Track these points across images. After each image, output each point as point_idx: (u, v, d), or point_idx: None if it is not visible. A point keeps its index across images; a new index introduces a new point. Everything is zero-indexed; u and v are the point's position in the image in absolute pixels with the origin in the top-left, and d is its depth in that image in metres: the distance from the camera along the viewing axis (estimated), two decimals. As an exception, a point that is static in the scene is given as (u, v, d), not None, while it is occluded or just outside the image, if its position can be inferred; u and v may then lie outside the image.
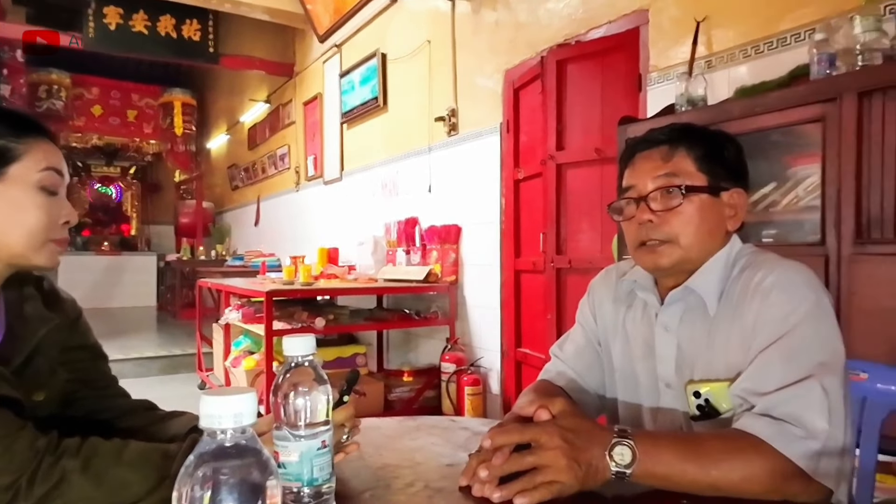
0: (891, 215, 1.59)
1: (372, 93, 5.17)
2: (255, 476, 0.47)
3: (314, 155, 6.41)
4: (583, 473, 0.79)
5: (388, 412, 3.88)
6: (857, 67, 1.74)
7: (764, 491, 0.80)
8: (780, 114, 1.85)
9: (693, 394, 0.99)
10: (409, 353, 4.65)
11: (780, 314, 0.90)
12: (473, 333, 4.01)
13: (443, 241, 4.17)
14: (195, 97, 10.67)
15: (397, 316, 4.19)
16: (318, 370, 0.74)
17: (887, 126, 1.59)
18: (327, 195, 6.20)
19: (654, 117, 2.36)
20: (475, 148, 3.99)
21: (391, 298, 4.67)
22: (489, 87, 3.86)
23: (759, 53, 2.32)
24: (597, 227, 3.00)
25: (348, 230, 5.60)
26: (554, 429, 0.81)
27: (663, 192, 1.01)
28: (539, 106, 3.30)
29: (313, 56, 6.45)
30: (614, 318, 1.15)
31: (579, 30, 3.14)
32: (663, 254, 1.02)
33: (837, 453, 0.82)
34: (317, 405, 0.72)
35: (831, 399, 0.83)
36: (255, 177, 8.45)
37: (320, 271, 4.71)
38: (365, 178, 5.43)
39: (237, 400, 0.48)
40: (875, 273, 1.59)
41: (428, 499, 0.83)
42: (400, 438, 1.10)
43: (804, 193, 1.84)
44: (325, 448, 0.73)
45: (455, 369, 3.82)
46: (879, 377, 1.19)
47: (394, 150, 4.97)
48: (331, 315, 3.88)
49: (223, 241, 9.72)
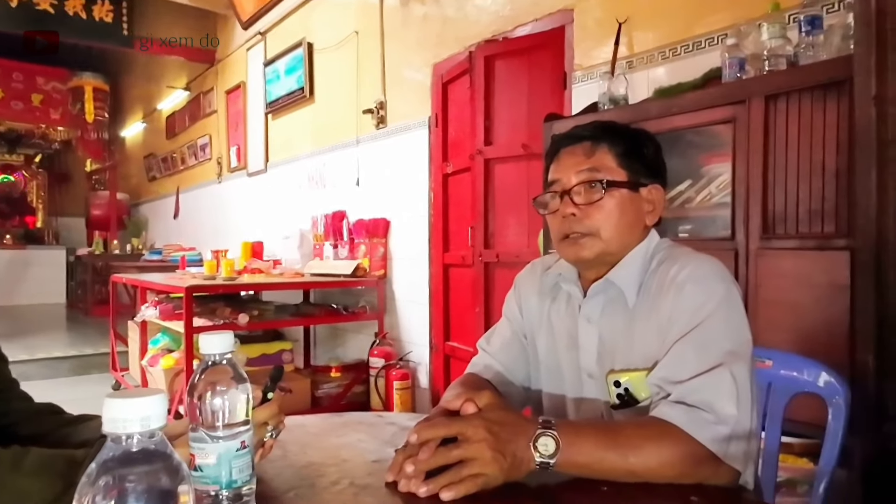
0: (793, 212, 1.69)
1: (298, 83, 5.06)
2: (165, 482, 0.44)
3: (237, 145, 6.23)
4: (508, 465, 0.80)
5: (315, 409, 3.82)
6: (764, 72, 1.84)
7: (678, 475, 0.83)
8: (695, 114, 1.93)
9: (613, 383, 1.03)
10: (337, 349, 4.61)
11: (693, 306, 0.94)
12: (402, 328, 4.01)
13: (371, 234, 4.14)
14: (108, 82, 10.10)
15: (324, 311, 4.13)
16: (237, 368, 0.72)
17: (790, 128, 1.70)
18: (251, 187, 6.05)
19: (578, 115, 2.42)
20: (404, 141, 3.98)
21: (318, 293, 4.60)
22: (418, 81, 3.85)
23: (676, 56, 2.42)
24: (524, 222, 3.06)
25: (273, 224, 5.47)
26: (480, 422, 0.82)
27: (586, 187, 1.05)
28: (467, 101, 3.32)
29: (236, 43, 6.24)
30: (539, 310, 1.18)
31: (506, 27, 3.18)
32: (585, 246, 1.05)
33: (745, 437, 0.87)
34: (235, 405, 0.70)
35: (740, 386, 0.88)
36: (174, 167, 8.11)
37: (244, 266, 4.59)
38: (291, 171, 5.32)
39: (144, 402, 0.45)
40: (778, 266, 1.69)
41: (354, 496, 0.81)
42: (326, 436, 1.08)
43: (717, 191, 1.94)
44: (245, 449, 0.71)
45: (384, 364, 3.81)
46: (783, 364, 1.27)
47: (321, 142, 4.89)
48: (255, 311, 3.79)
49: (139, 234, 9.27)
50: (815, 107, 1.64)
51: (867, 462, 1.40)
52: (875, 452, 1.37)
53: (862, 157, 1.42)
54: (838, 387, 1.18)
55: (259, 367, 3.82)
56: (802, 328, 1.61)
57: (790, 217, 1.70)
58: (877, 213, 1.40)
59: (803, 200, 1.67)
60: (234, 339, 0.73)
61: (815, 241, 1.63)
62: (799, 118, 1.68)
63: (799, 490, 1.59)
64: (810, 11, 1.79)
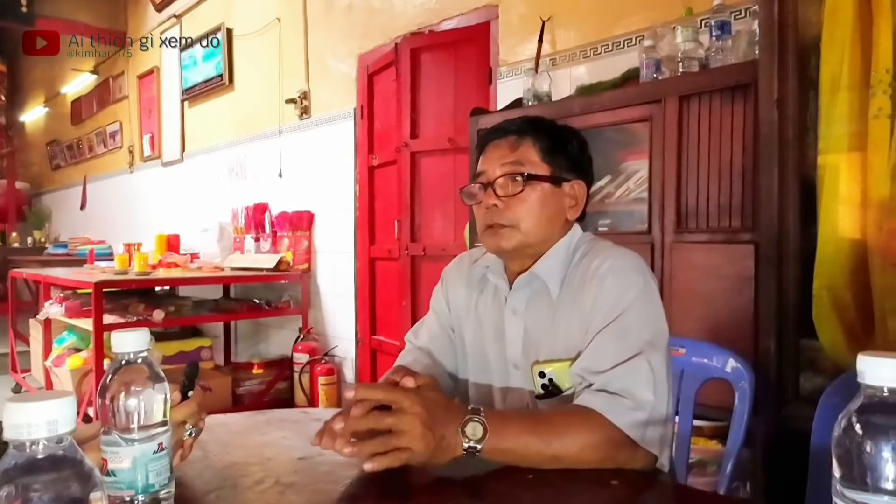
0: (704, 207, 1.79)
1: (216, 70, 4.88)
2: (75, 490, 0.42)
3: (151, 133, 5.98)
4: (435, 445, 0.81)
5: (236, 407, 3.72)
6: (678, 73, 1.93)
7: (598, 459, 0.86)
8: (614, 112, 2.00)
9: (538, 374, 1.06)
10: (260, 345, 4.51)
11: (613, 298, 0.98)
12: (327, 322, 3.96)
13: (295, 227, 4.07)
14: (5, 63, 9.38)
15: (246, 306, 4.04)
16: (153, 367, 0.69)
17: (702, 128, 1.79)
18: (166, 178, 5.82)
19: (503, 110, 2.46)
20: (328, 132, 3.92)
21: (239, 288, 4.49)
22: (343, 72, 3.80)
23: (596, 55, 2.49)
24: (450, 215, 3.08)
25: (191, 216, 5.28)
26: (417, 396, 0.83)
27: (508, 179, 1.07)
28: (393, 93, 3.30)
29: (149, 26, 5.94)
30: (467, 303, 1.19)
31: (432, 20, 3.18)
32: (505, 237, 1.07)
33: (661, 422, 0.91)
34: (152, 405, 0.67)
35: (656, 373, 0.92)
36: (80, 155, 7.65)
37: (159, 260, 4.45)
38: (209, 161, 5.15)
39: (51, 405, 0.42)
40: (690, 259, 1.78)
41: (279, 495, 0.80)
42: (248, 434, 1.05)
43: (634, 186, 2.02)
44: (163, 451, 0.68)
45: (308, 359, 3.76)
46: (695, 351, 1.34)
47: (241, 131, 4.75)
48: (171, 307, 3.67)
49: (42, 226, 8.67)
50: (724, 108, 1.74)
51: (768, 441, 1.50)
52: (776, 432, 1.47)
53: (765, 156, 1.52)
54: (744, 372, 1.26)
55: (176, 366, 3.70)
56: (712, 317, 1.71)
57: (701, 212, 1.79)
58: (778, 209, 1.50)
59: (713, 196, 1.77)
60: (149, 336, 0.70)
61: (724, 234, 1.73)
62: (710, 118, 1.77)
63: (709, 470, 1.69)
64: (720, 17, 1.89)
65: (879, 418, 0.49)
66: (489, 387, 1.15)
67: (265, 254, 4.19)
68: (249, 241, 4.38)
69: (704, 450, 1.72)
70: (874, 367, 0.50)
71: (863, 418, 0.50)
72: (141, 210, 6.24)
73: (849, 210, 1.41)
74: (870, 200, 1.38)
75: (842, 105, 1.40)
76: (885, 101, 1.33)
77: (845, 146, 1.41)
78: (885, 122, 1.34)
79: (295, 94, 4.12)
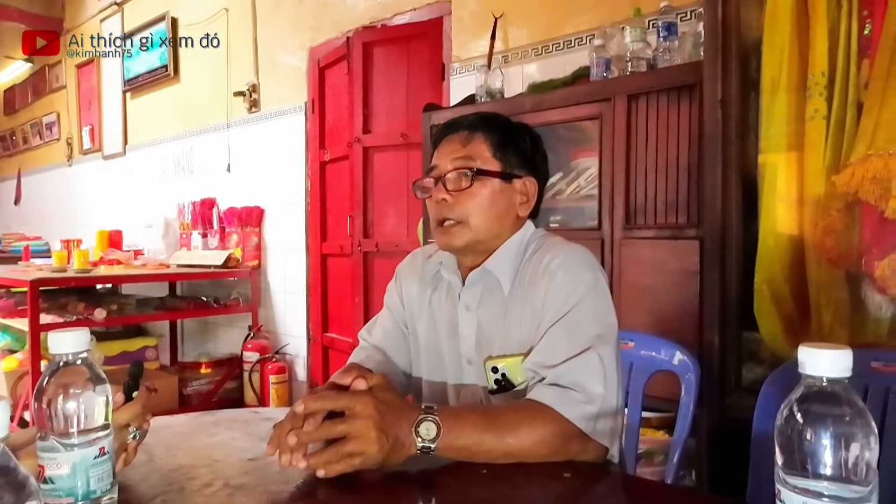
0: (652, 204, 1.83)
1: (161, 60, 4.73)
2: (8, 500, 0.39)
3: (91, 125, 5.74)
4: (389, 447, 0.80)
5: (183, 408, 3.63)
6: (627, 73, 1.96)
7: (551, 453, 0.87)
8: (565, 110, 2.03)
9: (491, 369, 1.06)
10: (208, 344, 4.41)
11: (563, 293, 1.00)
12: (278, 320, 3.90)
13: (244, 223, 3.99)
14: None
15: (193, 304, 3.93)
16: (93, 368, 0.66)
17: (650, 126, 1.83)
18: (107, 171, 5.60)
19: (456, 106, 2.46)
20: (279, 126, 3.85)
21: (186, 286, 4.38)
22: (293, 65, 3.73)
23: (548, 53, 2.52)
24: (403, 211, 3.06)
25: (134, 211, 5.11)
26: (368, 398, 0.82)
27: (459, 174, 1.07)
28: (345, 87, 3.27)
29: (88, 12, 5.70)
30: (420, 299, 1.19)
31: (385, 14, 3.16)
32: (455, 234, 1.07)
33: (612, 414, 0.93)
34: (93, 408, 0.64)
35: (606, 367, 0.94)
36: (13, 147, 7.28)
37: (100, 257, 4.32)
38: (153, 154, 4.99)
39: (-18, 412, 0.40)
40: (639, 254, 1.83)
41: (228, 497, 0.78)
42: (196, 435, 1.03)
43: (585, 183, 2.05)
44: (105, 455, 0.65)
45: (258, 358, 3.71)
46: (643, 345, 1.38)
47: (188, 124, 4.62)
48: (114, 305, 3.57)
49: (-29, 222, 8.23)
50: (671, 107, 1.78)
51: (712, 431, 1.55)
52: (719, 422, 1.52)
53: (709, 154, 1.56)
54: (690, 364, 1.30)
55: (119, 366, 3.58)
56: (659, 311, 1.75)
57: (649, 208, 1.84)
58: (721, 205, 1.55)
59: (660, 193, 1.81)
60: (89, 336, 0.67)
61: (670, 230, 1.78)
62: (657, 117, 1.81)
63: (656, 460, 1.73)
64: (666, 18, 1.94)
65: (819, 407, 0.51)
66: (443, 383, 1.15)
67: (213, 250, 4.10)
68: (196, 237, 4.28)
69: (652, 440, 1.77)
70: (814, 358, 0.52)
71: (803, 407, 0.52)
72: (80, 205, 6.00)
73: (787, 207, 1.47)
74: (806, 198, 1.44)
75: (781, 106, 1.46)
76: (821, 102, 1.39)
77: (784, 146, 1.47)
78: (821, 123, 1.40)
79: (244, 87, 4.03)
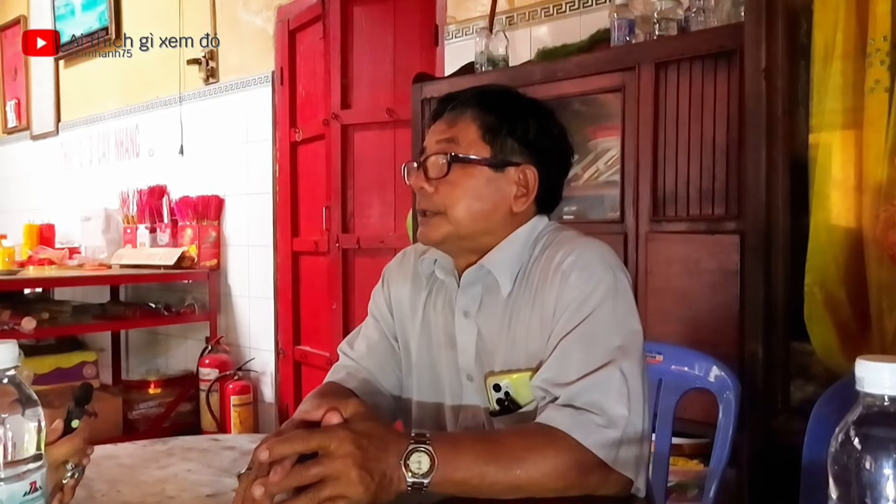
0: (683, 192, 1.84)
1: (100, 22, 4.73)
2: None
3: (16, 99, 5.77)
4: (375, 486, 0.80)
5: (129, 435, 3.63)
6: (654, 36, 1.97)
7: (565, 486, 0.88)
8: (581, 80, 2.04)
9: (493, 387, 1.06)
10: (157, 359, 4.45)
11: (578, 298, 0.99)
12: (241, 330, 3.91)
13: (200, 216, 4.00)
14: None
15: (140, 311, 3.95)
16: (22, 388, 0.66)
17: (681, 99, 1.84)
18: (36, 154, 5.64)
19: (452, 76, 2.46)
20: (241, 100, 3.86)
21: (131, 289, 4.41)
22: (258, 26, 3.74)
23: (561, 13, 2.52)
24: (389, 202, 3.07)
25: (69, 201, 5.13)
26: (345, 433, 0.81)
27: (438, 159, 1.07)
28: (320, 54, 3.27)
29: (13, -35, 5.69)
30: (413, 305, 1.19)
31: (368, -34, 3.16)
32: (433, 226, 1.08)
33: (636, 440, 0.93)
34: (22, 435, 0.65)
35: (630, 384, 0.94)
36: (-77, 125, 7.27)
37: (28, 256, 4.33)
38: (92, 133, 5.02)
39: None
40: (667, 251, 1.83)
41: (184, 541, 0.78)
42: (145, 468, 1.04)
43: (605, 168, 2.06)
44: (37, 492, 0.66)
45: (217, 375, 3.72)
46: (673, 358, 1.39)
47: (132, 97, 4.64)
48: (45, 313, 3.56)
49: None
50: (707, 78, 1.78)
51: (755, 459, 1.56)
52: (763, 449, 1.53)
53: (751, 133, 1.57)
54: (729, 381, 1.31)
55: (52, 385, 3.63)
56: (692, 318, 1.76)
57: (680, 197, 1.84)
58: (766, 194, 1.55)
59: (693, 179, 1.82)
60: (16, 350, 0.67)
61: (706, 223, 1.78)
62: (690, 89, 1.82)
63: (689, 494, 1.74)
64: (701, -28, 1.94)
65: (880, 431, 0.51)
66: (440, 405, 1.15)
67: (163, 248, 4.11)
68: (143, 232, 4.29)
69: (684, 471, 1.78)
70: (874, 373, 0.52)
71: (862, 431, 0.52)
72: (4, 194, 6.02)
73: (843, 195, 1.48)
74: (866, 185, 1.45)
75: (835, 76, 1.47)
76: (883, 72, 1.40)
77: (839, 123, 1.47)
78: (883, 96, 1.41)
79: (199, 54, 4.02)
